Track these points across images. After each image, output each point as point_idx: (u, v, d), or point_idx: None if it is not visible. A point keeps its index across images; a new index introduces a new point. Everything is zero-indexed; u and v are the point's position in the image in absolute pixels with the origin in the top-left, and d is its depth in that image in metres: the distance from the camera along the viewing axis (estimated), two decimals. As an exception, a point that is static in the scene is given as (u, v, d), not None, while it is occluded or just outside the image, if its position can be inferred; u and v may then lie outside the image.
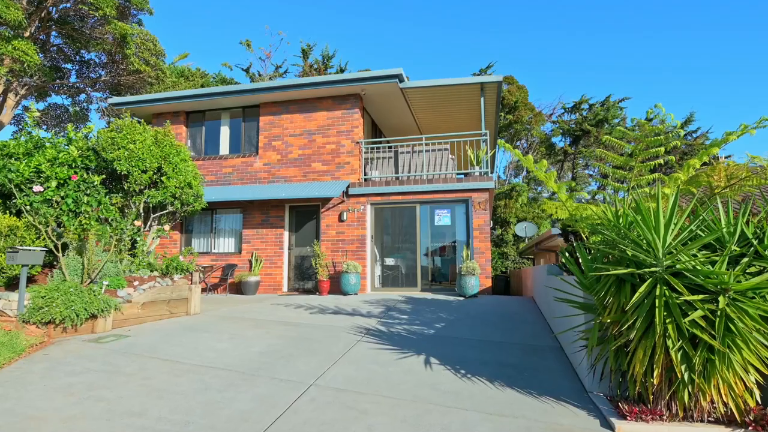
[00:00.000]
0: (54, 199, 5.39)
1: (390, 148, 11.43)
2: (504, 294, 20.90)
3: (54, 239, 5.34)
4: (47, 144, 6.13)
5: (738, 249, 3.11)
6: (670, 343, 2.96)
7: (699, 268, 2.96)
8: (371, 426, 2.91)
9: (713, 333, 2.88)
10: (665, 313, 2.99)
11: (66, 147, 6.15)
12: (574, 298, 4.00)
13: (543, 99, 52.21)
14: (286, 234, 11.28)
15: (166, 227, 6.78)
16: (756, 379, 2.95)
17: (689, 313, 2.93)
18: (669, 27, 55.60)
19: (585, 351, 3.82)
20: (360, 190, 10.64)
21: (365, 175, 11.17)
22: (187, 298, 6.59)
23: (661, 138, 3.46)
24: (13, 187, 5.53)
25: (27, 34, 19.48)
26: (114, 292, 5.57)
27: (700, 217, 3.17)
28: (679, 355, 2.97)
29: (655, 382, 3.02)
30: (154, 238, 7.17)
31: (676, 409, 3.06)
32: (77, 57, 25.22)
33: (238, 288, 10.82)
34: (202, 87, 26.30)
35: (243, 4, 55.60)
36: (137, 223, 6.34)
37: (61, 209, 5.32)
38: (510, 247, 26.18)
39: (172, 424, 2.80)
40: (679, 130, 3.42)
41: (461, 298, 8.89)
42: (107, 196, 6.25)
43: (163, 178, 6.55)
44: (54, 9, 20.47)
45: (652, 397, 3.14)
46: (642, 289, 3.03)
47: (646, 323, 3.09)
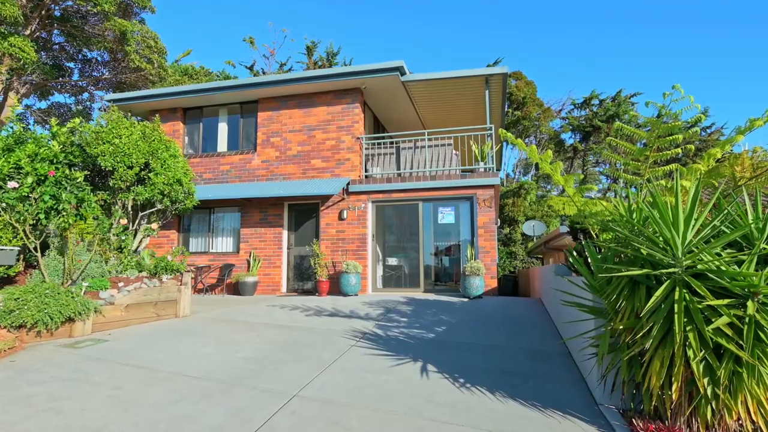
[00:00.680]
0: (33, 196, 5.19)
1: (392, 143, 11.14)
2: (512, 295, 20.51)
3: (32, 238, 5.14)
4: (30, 139, 5.93)
5: (768, 247, 2.79)
6: (690, 353, 2.65)
7: (724, 268, 2.64)
8: (355, 445, 2.64)
9: (741, 342, 2.56)
10: (685, 320, 2.68)
11: (50, 143, 5.95)
12: (582, 302, 3.69)
13: (552, 95, 51.65)
14: (285, 233, 11.04)
15: (153, 225, 6.56)
16: (790, 395, 2.63)
17: (713, 319, 2.62)
18: (680, 23, 54.64)
19: (595, 359, 3.51)
20: (360, 187, 10.37)
21: (366, 171, 10.90)
22: (176, 299, 6.36)
23: (679, 123, 3.14)
24: (-10, 183, 5.34)
25: (28, 32, 19.48)
26: (96, 294, 5.35)
27: (725, 212, 2.85)
28: (701, 367, 2.66)
29: (673, 397, 2.71)
30: (143, 238, 6.95)
31: (698, 427, 2.74)
32: (80, 55, 25.26)
33: (236, 289, 10.60)
34: (204, 84, 26.19)
35: (246, 1, 55.58)
36: (123, 221, 6.13)
37: (38, 207, 5.11)
38: (518, 246, 25.76)
39: (133, 441, 2.55)
40: (702, 115, 3.12)
41: (465, 300, 8.58)
42: (93, 194, 6.03)
43: (150, 175, 6.33)
44: (55, 7, 20.44)
45: (669, 412, 2.83)
46: (659, 292, 2.72)
47: (664, 331, 2.78)
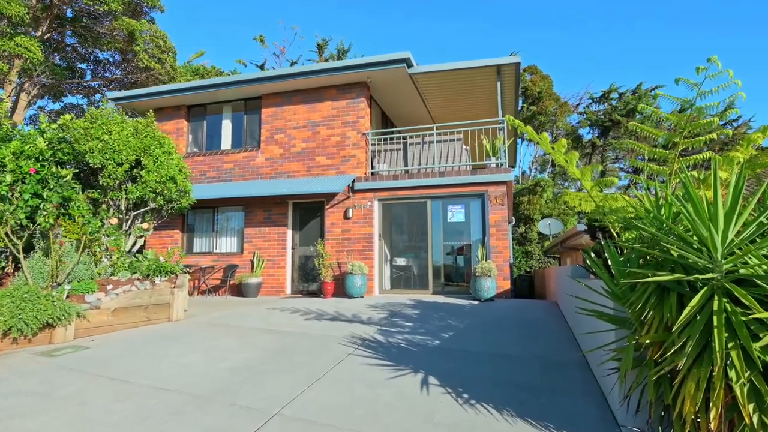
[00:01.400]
0: (14, 195, 4.98)
1: (399, 139, 10.77)
2: (528, 296, 19.93)
3: (15, 239, 4.93)
4: (18, 137, 5.74)
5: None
6: (733, 374, 2.24)
7: (774, 273, 2.22)
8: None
9: (796, 363, 2.14)
10: (726, 335, 2.27)
11: (37, 140, 5.75)
12: (602, 309, 3.28)
13: (568, 89, 50.59)
14: (290, 232, 10.77)
15: (145, 225, 6.32)
16: None
17: (761, 335, 2.20)
18: (703, 15, 52.95)
19: (617, 374, 3.11)
20: (366, 184, 10.03)
21: (372, 168, 10.55)
22: (169, 302, 6.11)
23: (716, 103, 2.71)
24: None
25: (39, 33, 19.65)
26: (82, 297, 5.12)
27: (773, 206, 2.42)
28: (745, 391, 2.24)
29: (711, 426, 2.30)
30: (137, 238, 6.72)
31: (741, 462, 2.32)
32: (91, 56, 25.48)
33: (239, 290, 10.37)
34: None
35: (256, 0, 55.72)
36: (113, 220, 5.90)
37: (17, 206, 4.90)
38: (534, 246, 25.14)
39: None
40: (740, 93, 2.68)
41: (475, 302, 8.18)
42: (84, 192, 5.82)
43: (142, 173, 6.09)
44: (66, 8, 20.58)
45: (706, 443, 2.41)
46: (694, 301, 2.31)
47: (700, 347, 2.37)
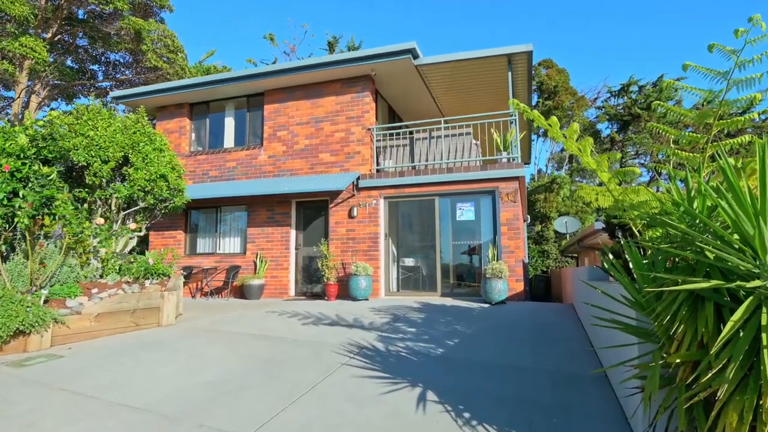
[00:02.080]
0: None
1: (405, 134, 10.38)
2: (545, 297, 19.33)
3: (-9, 241, 4.71)
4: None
5: None
6: (788, 405, 1.81)
7: (840, 280, 1.79)
8: None
9: None
10: (779, 356, 1.84)
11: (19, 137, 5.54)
12: (622, 319, 2.86)
13: (586, 83, 49.43)
14: (293, 232, 10.47)
15: (132, 225, 6.06)
16: None
17: (825, 357, 1.77)
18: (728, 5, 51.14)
19: (640, 395, 2.70)
20: (371, 182, 9.67)
21: (378, 165, 10.19)
22: (159, 306, 5.84)
23: (758, 75, 2.27)
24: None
25: (49, 35, 19.80)
26: (63, 302, 4.87)
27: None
28: (804, 426, 1.81)
29: (760, 467, 1.88)
30: (129, 239, 6.48)
31: None
32: (103, 58, 25.70)
33: (241, 292, 10.12)
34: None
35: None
36: (99, 221, 5.65)
37: (-9, 206, 4.68)
38: (551, 245, 24.50)
39: None
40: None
41: (485, 306, 7.75)
42: (70, 191, 5.58)
43: (129, 170, 5.84)
44: (77, 9, 20.70)
45: (752, 486, 1.99)
46: (737, 315, 1.90)
47: (744, 369, 1.95)
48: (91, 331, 4.96)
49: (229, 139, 11.71)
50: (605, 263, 2.80)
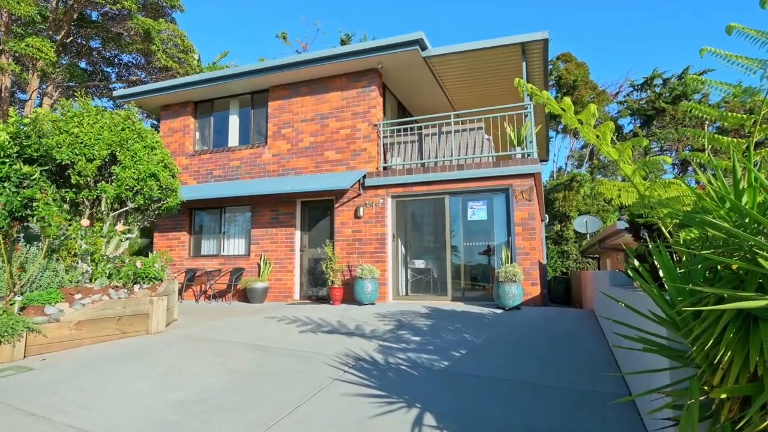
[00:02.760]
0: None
1: (414, 130, 9.98)
2: (564, 299, 18.62)
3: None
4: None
5: None
6: None
7: None
8: None
9: None
10: None
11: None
12: (651, 337, 2.42)
13: (607, 77, 48.18)
14: (298, 233, 10.17)
15: (119, 227, 5.81)
16: None
17: None
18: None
19: (675, 427, 2.28)
20: (378, 180, 9.29)
21: (385, 162, 9.81)
22: (148, 313, 5.57)
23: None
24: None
25: (60, 36, 19.98)
26: (41, 309, 4.63)
27: None
28: None
29: None
30: (121, 241, 6.24)
31: None
32: (116, 59, 25.97)
33: (245, 295, 9.86)
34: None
35: (283, -1, 55.95)
36: (84, 222, 5.42)
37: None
38: (571, 245, 23.79)
39: None
40: None
41: (498, 311, 7.30)
42: (54, 191, 5.36)
43: (117, 169, 5.59)
44: (84, 9, 20.86)
45: None
46: (807, 343, 1.46)
47: (815, 413, 1.51)
48: (70, 340, 4.71)
49: (233, 138, 11.48)
50: (630, 272, 2.37)
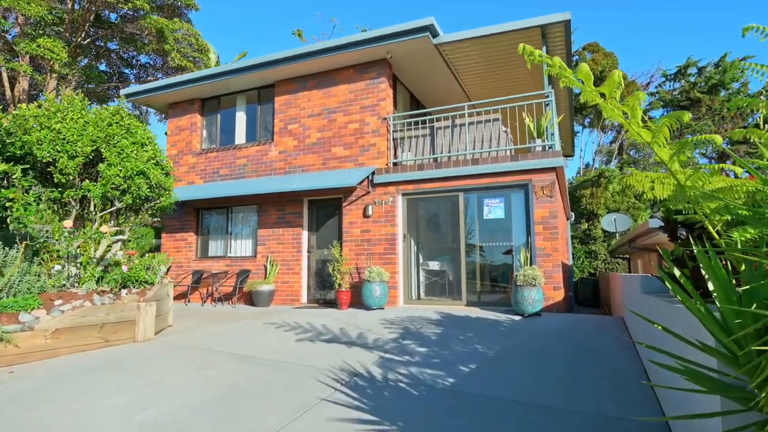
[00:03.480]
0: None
1: (426, 123, 9.48)
2: (592, 303, 17.74)
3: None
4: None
5: None
6: None
7: None
8: None
9: None
10: None
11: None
12: (693, 368, 1.90)
13: (637, 67, 46.50)
14: (305, 234, 9.82)
15: (104, 229, 5.52)
16: None
17: None
18: (806, -32, 46.45)
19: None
20: (387, 177, 8.85)
21: (395, 158, 9.35)
22: (135, 319, 5.28)
23: None
24: None
25: (78, 38, 20.25)
26: (15, 317, 4.36)
27: None
28: None
29: None
30: (113, 242, 5.99)
31: None
32: (134, 61, 26.33)
33: (250, 298, 9.57)
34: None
35: (299, -4, 56.01)
36: (67, 223, 5.16)
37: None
38: (599, 245, 22.84)
39: None
40: None
41: (516, 318, 6.77)
42: (34, 192, 5.12)
43: (101, 166, 5.31)
44: (104, 12, 21.12)
45: None
46: None
47: None
48: (46, 350, 4.44)
49: (240, 135, 11.22)
50: (668, 283, 1.87)
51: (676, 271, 2.06)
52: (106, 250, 5.97)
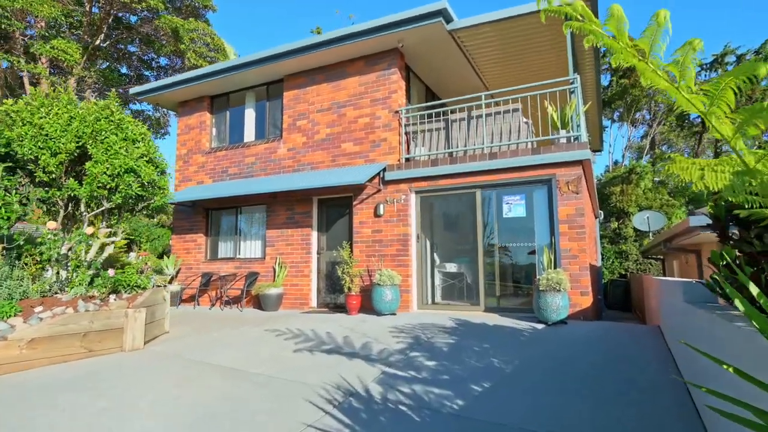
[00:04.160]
0: None
1: (440, 115, 8.94)
2: (622, 306, 16.81)
3: None
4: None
5: None
6: None
7: None
8: None
9: None
10: None
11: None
12: (759, 407, 1.35)
13: (669, 56, 44.50)
14: (315, 234, 9.42)
15: (88, 230, 5.21)
16: None
17: None
18: None
19: None
20: (399, 174, 8.36)
21: (407, 153, 8.84)
22: (122, 327, 4.95)
23: None
24: None
25: (97, 40, 20.50)
26: (-13, 326, 4.07)
27: None
28: None
29: None
30: (102, 246, 5.69)
31: None
32: (154, 63, 26.62)
33: (258, 302, 9.22)
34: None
35: (319, -4, 55.96)
36: (51, 224, 4.86)
37: None
38: (630, 244, 21.77)
39: None
40: None
41: (539, 327, 6.17)
42: (16, 192, 4.85)
43: (87, 164, 5.01)
44: (120, 14, 21.32)
45: None
46: None
47: None
48: (20, 362, 4.12)
49: (249, 133, 10.92)
50: (731, 293, 1.32)
51: (750, 284, 1.51)
52: (98, 252, 5.68)
